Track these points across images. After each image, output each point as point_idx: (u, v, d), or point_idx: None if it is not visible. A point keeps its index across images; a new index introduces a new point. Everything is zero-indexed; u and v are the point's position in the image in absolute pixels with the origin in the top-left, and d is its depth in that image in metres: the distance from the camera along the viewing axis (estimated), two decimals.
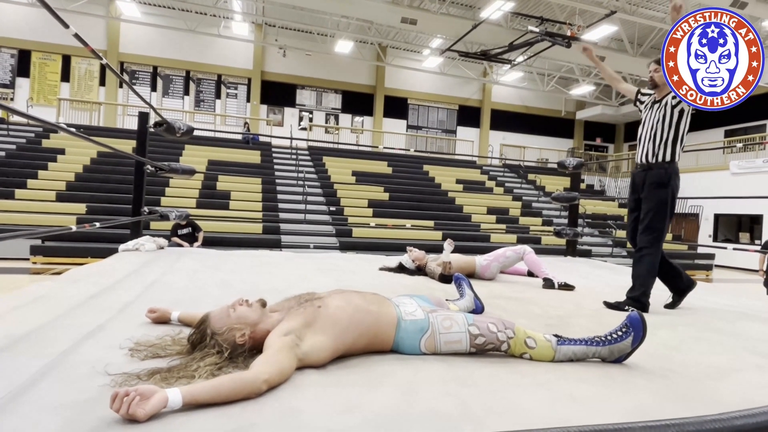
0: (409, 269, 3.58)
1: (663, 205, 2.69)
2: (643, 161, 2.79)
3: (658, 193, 2.70)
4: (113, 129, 14.71)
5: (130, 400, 1.03)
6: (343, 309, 1.54)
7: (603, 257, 11.17)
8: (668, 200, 2.69)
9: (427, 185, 14.71)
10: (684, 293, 2.80)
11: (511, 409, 1.20)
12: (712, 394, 1.37)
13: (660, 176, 2.70)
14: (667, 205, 2.69)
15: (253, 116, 17.79)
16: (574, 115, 22.19)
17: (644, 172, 2.78)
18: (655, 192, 2.71)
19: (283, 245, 9.68)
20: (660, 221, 2.69)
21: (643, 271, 2.68)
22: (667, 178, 2.69)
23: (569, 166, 5.03)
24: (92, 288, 2.35)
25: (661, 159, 2.71)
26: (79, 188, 10.47)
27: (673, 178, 2.71)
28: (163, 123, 3.83)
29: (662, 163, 2.71)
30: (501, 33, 13.95)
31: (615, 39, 15.48)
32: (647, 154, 2.76)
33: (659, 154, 2.71)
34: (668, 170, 2.70)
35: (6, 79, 15.65)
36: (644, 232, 2.73)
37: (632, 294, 2.67)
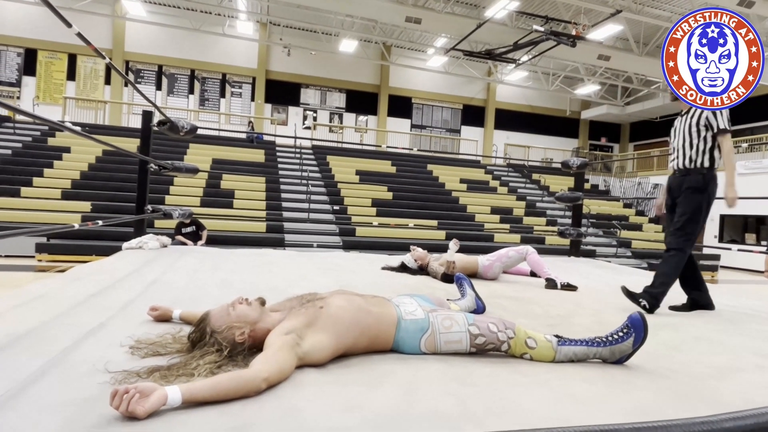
0: (411, 269, 3.58)
1: (698, 209, 2.66)
2: (680, 167, 2.76)
3: (694, 197, 2.66)
4: (118, 128, 14.78)
5: (129, 398, 1.03)
6: (345, 309, 1.54)
7: (607, 257, 11.13)
8: (703, 205, 2.66)
9: (431, 185, 14.69)
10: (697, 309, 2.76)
11: (512, 409, 1.19)
12: (713, 394, 1.36)
13: (697, 181, 2.67)
14: (701, 210, 2.66)
15: (258, 115, 17.83)
16: (579, 114, 22.10)
17: (681, 177, 2.75)
18: (691, 196, 2.67)
19: (287, 244, 9.70)
20: (692, 225, 2.66)
21: (667, 270, 2.66)
22: (705, 184, 2.66)
23: (573, 166, 5.01)
24: (93, 286, 2.36)
25: (699, 165, 2.67)
26: (84, 186, 10.53)
27: (711, 184, 2.68)
28: (167, 122, 3.85)
29: (700, 169, 2.67)
30: (506, 32, 13.91)
31: (620, 38, 15.40)
32: (684, 161, 2.72)
33: (697, 160, 2.68)
34: (706, 176, 2.67)
35: (12, 77, 15.75)
36: (674, 234, 2.70)
37: (651, 289, 2.64)
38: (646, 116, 21.10)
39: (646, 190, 17.96)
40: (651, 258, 12.09)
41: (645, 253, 12.54)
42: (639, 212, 16.37)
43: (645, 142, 22.03)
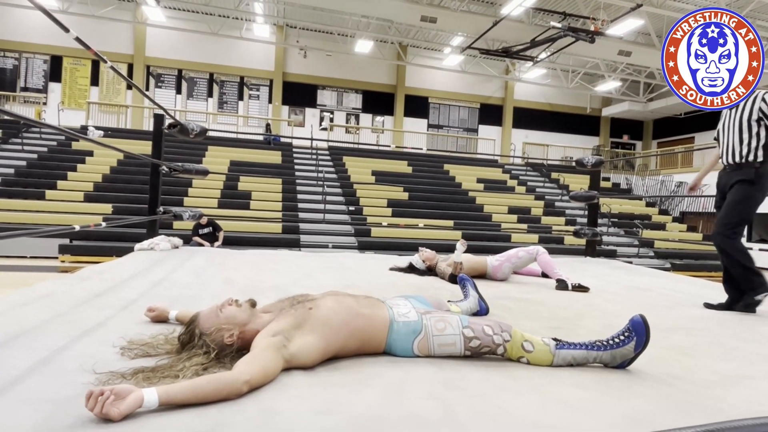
0: (419, 269, 3.54)
1: (746, 199, 2.57)
2: (730, 161, 2.66)
3: (744, 188, 2.58)
4: (139, 131, 15.10)
5: (104, 400, 1.03)
6: (335, 310, 1.52)
7: (629, 258, 10.86)
8: (753, 196, 2.57)
9: (448, 185, 14.58)
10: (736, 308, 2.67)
11: (498, 414, 1.15)
12: (715, 403, 1.29)
13: (749, 174, 2.58)
14: (750, 200, 2.57)
15: (275, 117, 18.00)
16: (600, 111, 21.65)
17: (731, 172, 2.66)
18: (740, 187, 2.59)
19: (302, 245, 9.75)
20: (737, 215, 2.57)
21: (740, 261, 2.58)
22: (757, 177, 2.57)
23: (588, 164, 4.89)
24: (99, 286, 2.39)
25: (752, 159, 2.58)
26: (106, 189, 10.78)
27: (765, 178, 2.58)
28: (177, 124, 3.90)
29: (753, 162, 2.58)
30: (523, 29, 13.71)
31: (642, 33, 15.03)
32: (734, 155, 2.63)
33: (749, 156, 2.58)
34: (759, 170, 2.57)
35: (39, 84, 16.25)
36: (722, 227, 2.61)
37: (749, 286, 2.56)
38: (670, 112, 20.54)
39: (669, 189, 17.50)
40: (674, 258, 11.75)
41: (668, 253, 12.20)
42: (662, 211, 15.94)
43: (669, 139, 21.45)
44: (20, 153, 11.99)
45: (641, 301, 2.85)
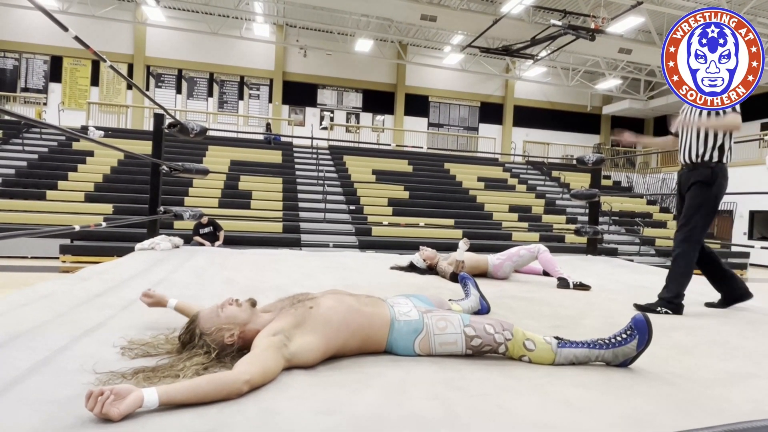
0: (419, 268, 3.53)
1: (704, 204, 2.55)
2: (686, 161, 2.65)
3: (701, 191, 2.56)
4: (139, 131, 15.09)
5: (104, 400, 1.02)
6: (335, 309, 1.52)
7: (630, 256, 10.85)
8: (711, 200, 2.55)
9: (448, 183, 14.57)
10: (734, 302, 2.67)
11: (499, 413, 1.15)
12: (718, 403, 1.28)
13: (705, 175, 2.56)
14: (708, 204, 2.55)
15: (275, 116, 17.99)
16: (601, 110, 21.62)
17: (689, 172, 2.65)
18: (698, 190, 2.57)
19: (303, 244, 9.74)
20: (698, 220, 2.55)
21: (678, 271, 2.56)
22: (713, 178, 2.55)
23: (589, 162, 4.88)
24: (100, 286, 2.39)
25: (707, 158, 2.56)
26: (106, 189, 10.78)
27: (720, 178, 2.56)
28: (177, 124, 3.89)
29: (708, 162, 2.57)
30: (523, 27, 13.68)
31: (642, 31, 14.99)
32: (691, 154, 2.62)
33: (705, 155, 2.57)
34: (714, 170, 2.56)
35: (40, 84, 16.25)
36: (680, 230, 2.60)
37: (665, 295, 2.54)
38: (671, 110, 20.48)
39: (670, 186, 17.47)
40: None
41: (669, 251, 12.13)
42: (663, 209, 15.92)
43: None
44: (21, 153, 11.99)
45: (643, 299, 2.84)
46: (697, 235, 2.57)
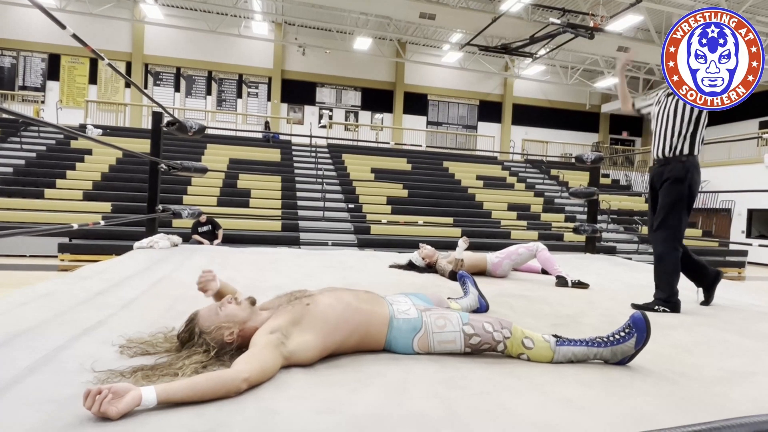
0: (419, 267, 3.53)
1: (678, 201, 2.56)
2: (659, 156, 2.66)
3: (675, 188, 2.57)
4: (138, 129, 15.05)
5: (102, 398, 1.02)
6: (333, 307, 1.51)
7: (628, 254, 10.86)
8: (684, 196, 2.56)
9: (447, 182, 14.57)
10: (712, 287, 2.69)
11: (499, 412, 1.15)
12: (719, 401, 1.28)
13: (677, 171, 2.57)
14: (683, 201, 2.56)
15: (274, 115, 17.96)
16: (599, 108, 21.61)
17: (661, 167, 2.66)
18: (670, 187, 2.58)
19: (302, 243, 9.74)
20: (675, 218, 2.57)
21: (667, 270, 2.57)
22: (684, 173, 2.56)
23: (587, 161, 4.88)
24: (99, 285, 2.39)
25: (678, 152, 2.58)
26: (105, 187, 10.76)
27: (692, 172, 2.57)
28: (175, 122, 3.88)
29: (680, 157, 2.58)
30: (522, 26, 13.67)
31: (641, 29, 15.00)
32: (663, 149, 2.63)
33: (677, 148, 2.58)
34: (686, 164, 2.56)
35: (38, 82, 16.20)
36: (659, 229, 2.62)
37: (660, 295, 2.55)
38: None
39: None
40: None
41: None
42: None
43: None
44: (19, 152, 11.96)
45: (642, 298, 2.84)
46: (679, 233, 2.58)
